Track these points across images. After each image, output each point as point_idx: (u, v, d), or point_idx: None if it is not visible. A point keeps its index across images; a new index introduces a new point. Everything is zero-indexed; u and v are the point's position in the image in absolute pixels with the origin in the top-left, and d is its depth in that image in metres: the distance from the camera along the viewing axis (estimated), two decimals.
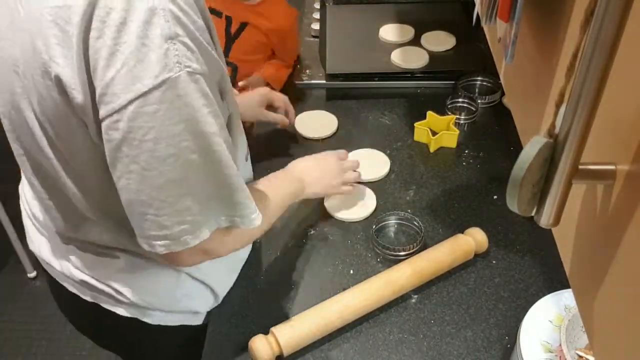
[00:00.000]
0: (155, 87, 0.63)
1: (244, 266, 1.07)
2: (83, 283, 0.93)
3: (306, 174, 1.04)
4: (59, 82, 0.67)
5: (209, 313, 1.03)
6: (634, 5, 0.33)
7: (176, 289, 0.94)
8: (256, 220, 0.79)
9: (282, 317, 0.98)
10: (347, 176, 1.13)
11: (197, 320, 1.01)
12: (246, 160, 0.98)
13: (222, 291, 1.02)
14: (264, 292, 1.04)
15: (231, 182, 0.74)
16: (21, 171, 0.95)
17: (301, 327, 0.93)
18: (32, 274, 2.20)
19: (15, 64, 0.71)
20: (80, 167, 0.77)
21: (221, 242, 0.81)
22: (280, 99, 1.29)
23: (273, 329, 0.93)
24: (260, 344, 0.91)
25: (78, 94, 0.66)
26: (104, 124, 0.66)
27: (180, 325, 0.99)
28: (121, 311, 0.93)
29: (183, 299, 0.95)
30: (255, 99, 1.25)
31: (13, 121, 0.78)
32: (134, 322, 0.94)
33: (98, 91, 0.65)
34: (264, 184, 0.94)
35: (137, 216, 0.72)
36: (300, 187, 1.02)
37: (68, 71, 0.65)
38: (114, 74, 0.63)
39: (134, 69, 0.62)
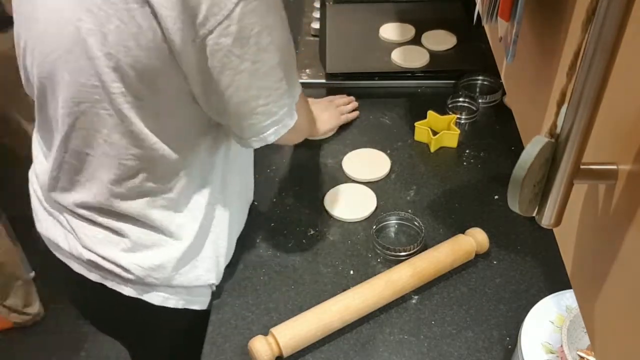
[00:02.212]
0: None
1: (243, 266, 1.07)
2: (90, 262, 0.94)
3: (317, 116, 1.26)
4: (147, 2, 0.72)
5: (211, 301, 1.03)
6: (635, 3, 0.33)
7: (182, 261, 0.95)
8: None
9: (282, 317, 0.97)
10: (344, 109, 1.37)
11: (200, 304, 1.02)
12: None
13: (226, 257, 1.04)
14: (263, 293, 1.04)
15: (295, 61, 0.88)
16: (38, 143, 0.98)
17: (301, 327, 0.93)
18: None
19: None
20: (154, 99, 0.81)
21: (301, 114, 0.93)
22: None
23: (272, 330, 0.93)
24: (259, 344, 0.90)
25: (170, 12, 0.72)
26: (212, 37, 0.74)
27: (183, 310, 1.00)
28: (127, 290, 0.95)
29: (189, 269, 0.97)
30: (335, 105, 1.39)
31: (68, 67, 0.80)
32: (137, 303, 0.96)
33: (205, 6, 0.72)
34: None
35: (247, 115, 0.84)
36: (314, 120, 1.24)
37: None
38: None
39: None
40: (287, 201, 1.20)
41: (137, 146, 0.85)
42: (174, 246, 0.95)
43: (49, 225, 0.99)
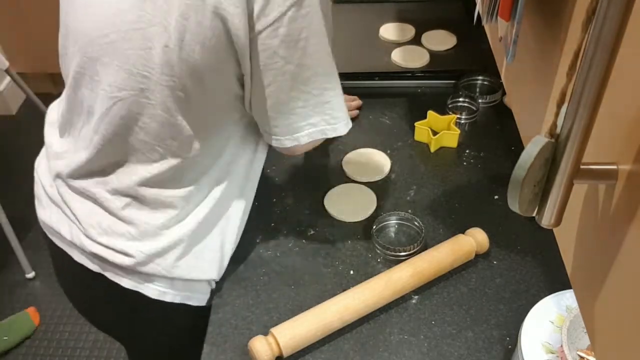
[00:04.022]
0: None
1: (244, 266, 1.07)
2: (92, 252, 0.95)
3: None
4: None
5: (211, 297, 1.03)
6: (635, 3, 0.33)
7: (186, 248, 0.96)
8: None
9: (282, 317, 0.97)
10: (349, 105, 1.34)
11: (198, 301, 1.02)
12: None
13: (230, 253, 1.04)
14: (263, 293, 1.04)
15: (337, 74, 0.88)
16: (60, 126, 0.99)
17: (301, 327, 0.93)
18: (31, 275, 2.20)
19: None
20: (199, 95, 0.83)
21: None
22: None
23: (272, 330, 0.93)
24: (259, 344, 0.90)
25: (236, 9, 0.75)
26: (261, 36, 0.77)
27: (181, 308, 1.00)
28: (125, 282, 0.96)
29: (193, 260, 0.97)
30: None
31: (119, 53, 0.81)
32: (135, 297, 0.96)
33: (259, 6, 0.75)
34: None
35: (284, 115, 0.86)
36: None
37: None
38: None
39: None
40: (287, 201, 1.20)
41: (172, 137, 0.87)
42: (181, 231, 0.95)
43: (52, 213, 1.00)
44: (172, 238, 0.94)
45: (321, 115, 0.87)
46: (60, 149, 0.99)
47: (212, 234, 0.98)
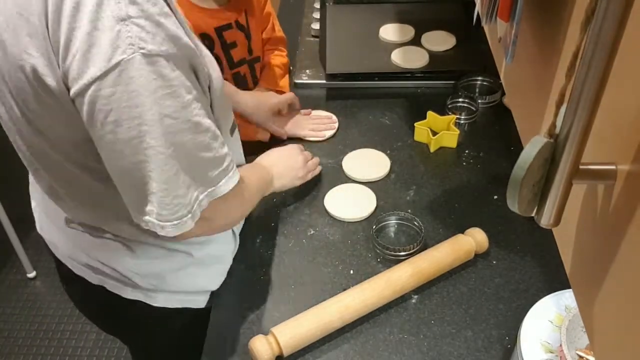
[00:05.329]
0: (109, 69, 0.63)
1: (244, 266, 1.07)
2: (88, 266, 0.95)
3: (273, 167, 1.06)
4: (34, 73, 0.67)
5: (211, 298, 1.04)
6: (634, 4, 0.33)
7: (181, 272, 0.96)
8: (232, 180, 0.78)
9: (282, 317, 0.98)
10: (309, 165, 1.18)
11: (200, 303, 1.03)
12: (231, 135, 0.95)
13: (227, 265, 1.04)
14: (264, 292, 1.04)
15: (201, 161, 0.72)
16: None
17: (301, 327, 0.93)
18: (32, 274, 2.20)
19: None
20: (68, 149, 0.77)
21: (215, 212, 0.79)
22: (286, 107, 1.33)
23: (273, 329, 0.93)
24: (260, 344, 0.90)
25: (51, 81, 0.67)
26: (75, 104, 0.67)
27: (184, 308, 1.00)
28: (127, 293, 0.96)
29: (191, 278, 0.97)
30: (268, 104, 1.30)
31: (8, 112, 0.79)
32: (139, 304, 0.97)
33: (62, 76, 0.66)
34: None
35: (124, 191, 0.74)
36: (270, 177, 1.04)
37: (42, 60, 0.66)
38: (71, 60, 0.64)
39: (87, 54, 0.63)
40: (287, 201, 1.21)
41: (73, 182, 0.83)
42: (177, 259, 0.95)
43: (50, 229, 0.99)
44: (170, 260, 0.94)
45: (151, 216, 0.72)
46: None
47: (209, 248, 0.98)
